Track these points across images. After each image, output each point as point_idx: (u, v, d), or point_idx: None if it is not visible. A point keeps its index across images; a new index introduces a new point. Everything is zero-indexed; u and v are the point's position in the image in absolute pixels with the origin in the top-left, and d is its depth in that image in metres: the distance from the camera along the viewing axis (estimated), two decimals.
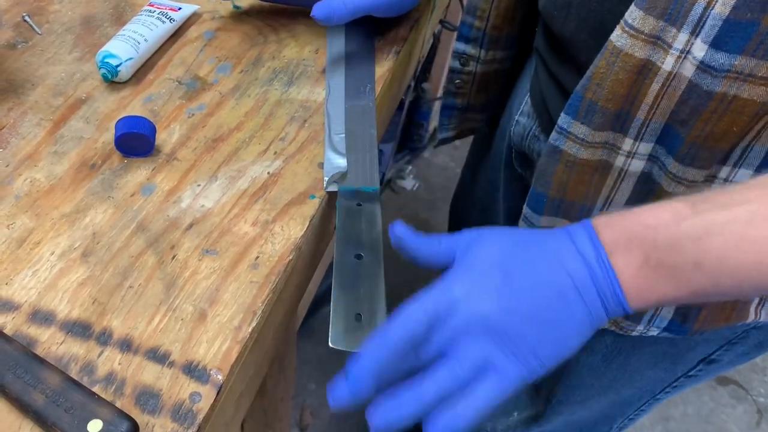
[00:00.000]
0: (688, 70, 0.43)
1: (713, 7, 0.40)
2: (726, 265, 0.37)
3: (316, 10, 0.58)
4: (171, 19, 0.62)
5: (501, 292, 0.40)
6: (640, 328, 0.60)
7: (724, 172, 0.48)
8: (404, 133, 1.69)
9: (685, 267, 0.38)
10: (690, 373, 0.66)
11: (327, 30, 0.66)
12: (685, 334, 0.60)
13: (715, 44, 0.41)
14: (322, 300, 1.36)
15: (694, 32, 0.42)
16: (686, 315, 0.58)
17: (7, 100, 0.55)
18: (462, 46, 0.70)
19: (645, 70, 0.45)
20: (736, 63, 0.41)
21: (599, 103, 0.47)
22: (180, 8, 0.63)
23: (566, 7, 0.53)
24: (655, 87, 0.45)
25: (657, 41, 0.43)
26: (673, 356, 0.64)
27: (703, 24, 0.41)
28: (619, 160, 0.50)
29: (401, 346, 0.40)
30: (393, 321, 0.40)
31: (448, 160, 1.88)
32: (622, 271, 0.40)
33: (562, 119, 0.50)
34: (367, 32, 0.66)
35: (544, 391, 0.80)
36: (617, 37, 0.44)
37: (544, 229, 0.46)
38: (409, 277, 1.47)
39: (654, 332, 0.60)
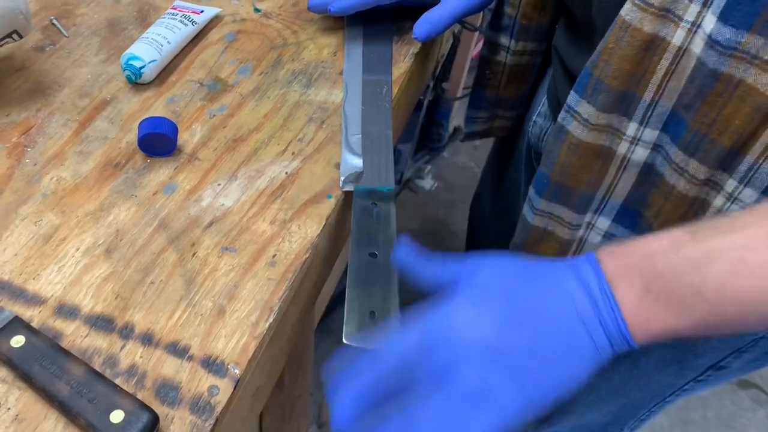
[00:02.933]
0: (698, 45, 0.42)
1: None
2: (725, 292, 0.35)
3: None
4: (193, 22, 0.63)
5: (504, 318, 0.38)
6: None
7: (729, 185, 0.46)
8: (424, 132, 1.70)
9: (686, 295, 0.36)
10: (699, 378, 0.65)
11: (345, 32, 0.67)
12: (689, 341, 0.59)
13: (723, 17, 0.40)
14: (340, 298, 1.37)
15: (706, 3, 0.40)
16: None
17: (35, 101, 0.57)
18: (493, 35, 0.70)
19: (653, 45, 0.44)
20: (743, 41, 0.39)
21: (606, 81, 0.46)
22: (202, 11, 0.65)
23: None
24: (663, 64, 0.44)
25: (667, 14, 0.42)
26: (681, 361, 0.63)
27: None
28: (623, 147, 0.49)
29: (390, 373, 0.37)
30: (384, 347, 0.38)
31: (467, 159, 1.88)
32: (623, 301, 0.38)
33: (571, 97, 0.50)
34: (385, 34, 0.67)
35: None
36: (627, 10, 0.44)
37: (543, 260, 0.43)
38: None
39: None
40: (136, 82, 0.59)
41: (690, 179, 0.47)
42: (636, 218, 0.53)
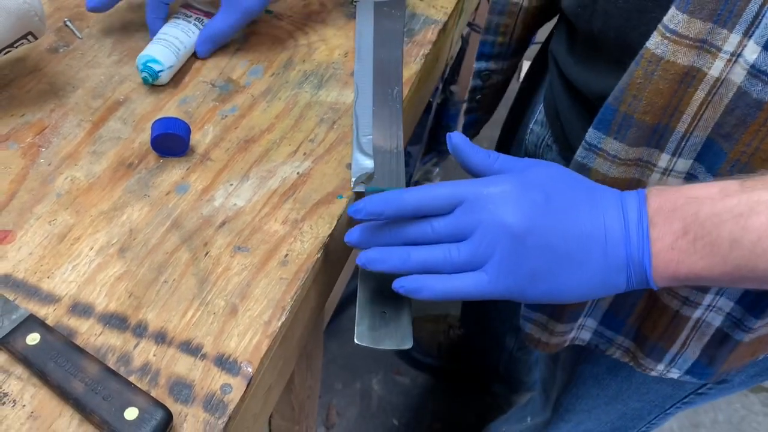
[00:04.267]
0: (738, 75, 0.40)
1: None
2: (762, 245, 0.36)
3: None
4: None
5: (534, 210, 0.40)
6: (660, 367, 0.57)
7: None
8: (432, 134, 1.70)
9: (722, 243, 0.37)
10: (700, 391, 0.64)
11: (356, 34, 0.67)
12: (709, 378, 0.57)
13: None
14: (348, 301, 1.38)
15: (748, 33, 0.39)
16: (713, 357, 0.55)
17: (49, 102, 0.58)
18: (484, 65, 0.69)
19: (688, 77, 0.42)
20: None
21: (635, 116, 0.45)
22: (212, 14, 0.65)
23: (591, 4, 0.52)
24: (699, 95, 0.42)
25: (703, 45, 0.41)
26: None
27: (759, 23, 0.38)
28: (654, 178, 0.48)
29: (410, 207, 0.42)
30: (423, 186, 0.43)
31: None
32: (657, 240, 0.39)
33: (591, 135, 0.48)
34: (395, 36, 0.67)
35: (552, 398, 0.80)
36: (656, 44, 0.42)
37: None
38: None
39: (675, 374, 0.58)
40: (151, 84, 0.59)
41: None
42: None
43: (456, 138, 0.46)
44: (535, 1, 0.63)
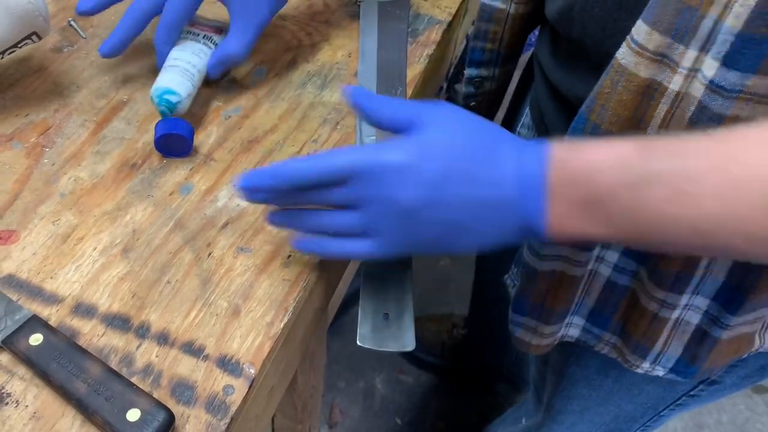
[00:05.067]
0: (698, 90, 0.40)
1: (724, 20, 0.37)
2: (655, 218, 0.37)
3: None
4: (215, 44, 0.60)
5: (429, 184, 0.40)
6: (646, 365, 0.58)
7: None
8: None
9: (617, 213, 0.38)
10: (692, 393, 0.64)
11: (360, 34, 0.67)
12: (693, 376, 0.57)
13: (726, 62, 0.38)
14: (351, 300, 1.38)
15: (704, 48, 0.39)
16: (695, 354, 0.55)
17: (53, 102, 0.58)
18: (475, 71, 0.69)
19: (650, 90, 0.42)
20: (749, 83, 0.38)
21: (603, 126, 0.45)
22: (221, 30, 0.61)
23: (568, 12, 0.52)
24: (662, 108, 0.42)
25: (663, 59, 0.41)
26: None
27: (714, 39, 0.38)
28: None
29: (306, 180, 0.42)
30: (317, 156, 0.43)
31: None
32: (552, 209, 0.40)
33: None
34: (400, 36, 0.67)
35: (544, 400, 0.80)
36: (623, 54, 0.42)
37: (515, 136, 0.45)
38: (437, 276, 1.47)
39: (660, 372, 0.58)
40: (169, 115, 0.56)
41: None
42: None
43: (355, 95, 0.44)
44: (522, 9, 0.63)
